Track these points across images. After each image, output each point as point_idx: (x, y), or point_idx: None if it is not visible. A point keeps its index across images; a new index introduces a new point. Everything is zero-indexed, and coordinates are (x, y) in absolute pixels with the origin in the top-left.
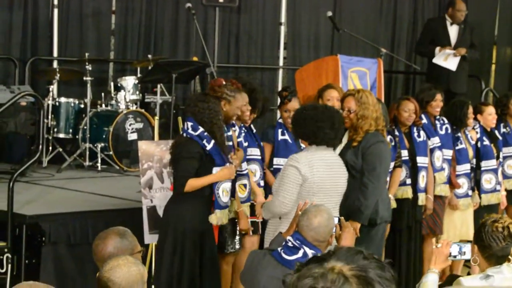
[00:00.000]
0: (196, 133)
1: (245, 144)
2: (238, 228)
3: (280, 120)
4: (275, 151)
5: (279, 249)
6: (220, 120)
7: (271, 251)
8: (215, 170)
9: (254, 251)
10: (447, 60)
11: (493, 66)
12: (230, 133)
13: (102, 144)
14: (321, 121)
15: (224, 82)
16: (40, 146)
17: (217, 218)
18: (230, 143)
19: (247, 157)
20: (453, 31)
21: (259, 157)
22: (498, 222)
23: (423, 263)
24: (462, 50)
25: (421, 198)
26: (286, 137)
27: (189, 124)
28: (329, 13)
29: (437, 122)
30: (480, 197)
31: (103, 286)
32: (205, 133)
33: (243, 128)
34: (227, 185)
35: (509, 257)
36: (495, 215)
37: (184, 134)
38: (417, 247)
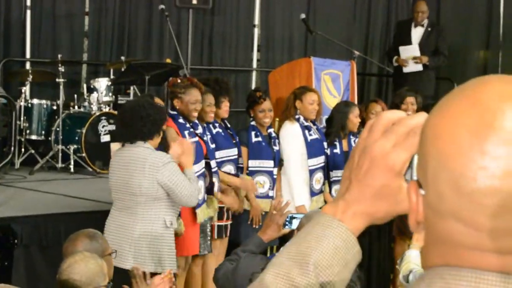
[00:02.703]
0: None
1: (212, 145)
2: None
3: (253, 123)
4: (250, 154)
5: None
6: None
7: (267, 257)
8: None
9: (247, 255)
10: (409, 63)
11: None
12: (199, 130)
13: (75, 146)
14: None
15: (178, 81)
16: (13, 148)
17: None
18: (196, 139)
19: (222, 158)
20: (416, 34)
21: (235, 157)
22: None
23: (394, 264)
24: (424, 59)
25: None
26: (260, 138)
27: None
28: (302, 16)
29: None
30: None
31: (65, 286)
32: None
33: (218, 128)
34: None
35: None
36: None
37: None
38: (387, 248)
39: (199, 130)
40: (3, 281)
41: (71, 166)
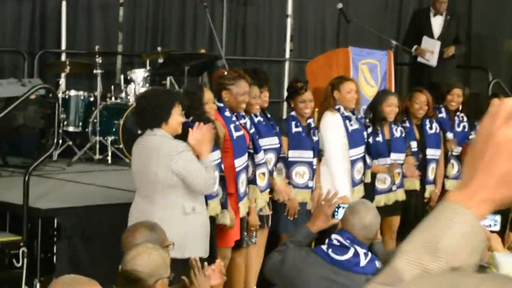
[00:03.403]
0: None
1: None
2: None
3: (293, 113)
4: (290, 144)
5: (323, 247)
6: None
7: (312, 249)
8: None
9: (293, 248)
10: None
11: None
12: (243, 121)
13: (112, 137)
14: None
15: (225, 73)
16: (56, 140)
17: (210, 209)
18: (241, 133)
19: (264, 147)
20: (436, 23)
21: (277, 146)
22: None
23: None
24: (450, 51)
25: (429, 190)
26: (300, 129)
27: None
28: (340, 5)
29: (456, 118)
30: None
31: (128, 277)
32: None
33: (259, 117)
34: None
35: None
36: None
37: None
38: None
39: (244, 121)
40: (47, 272)
41: (109, 158)
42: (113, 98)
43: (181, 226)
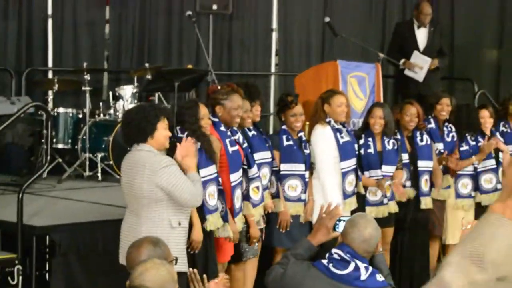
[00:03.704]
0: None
1: (249, 150)
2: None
3: (284, 126)
4: (282, 157)
5: (324, 261)
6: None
7: (312, 263)
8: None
9: (294, 262)
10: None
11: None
12: (236, 136)
13: (102, 154)
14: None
15: (218, 87)
16: (48, 157)
17: (210, 223)
18: (236, 148)
19: (258, 161)
20: (421, 35)
21: (270, 160)
22: None
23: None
24: (435, 62)
25: (424, 202)
26: (291, 142)
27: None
28: (327, 19)
29: (444, 128)
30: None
31: None
32: None
33: (253, 131)
34: (212, 188)
35: None
36: None
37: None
38: (423, 251)
39: (237, 136)
40: None
41: (99, 174)
42: (101, 115)
43: (167, 241)
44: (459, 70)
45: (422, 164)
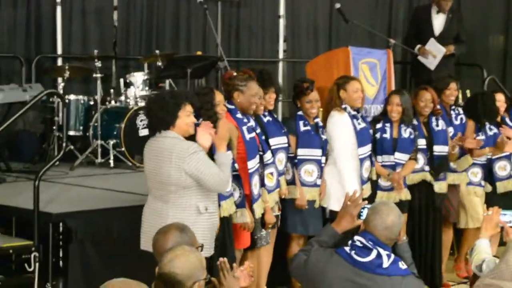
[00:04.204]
0: None
1: (263, 137)
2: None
3: (300, 112)
4: (299, 142)
5: (346, 248)
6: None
7: (335, 250)
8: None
9: (317, 248)
10: (429, 57)
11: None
12: (251, 123)
13: (114, 141)
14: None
15: (234, 74)
16: (64, 144)
17: (224, 209)
18: (253, 135)
19: (274, 146)
20: (438, 21)
21: (286, 145)
22: None
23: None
24: (451, 48)
25: (439, 187)
26: (308, 127)
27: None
28: (338, 5)
29: (452, 112)
30: (494, 185)
31: (166, 279)
32: None
33: (268, 117)
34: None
35: None
36: None
37: None
38: (436, 235)
39: (251, 123)
40: (59, 277)
41: (111, 161)
42: (112, 102)
43: (194, 226)
44: (466, 56)
45: (438, 149)
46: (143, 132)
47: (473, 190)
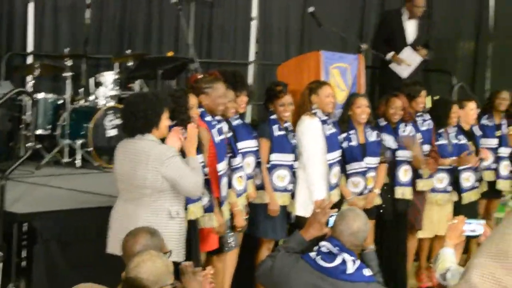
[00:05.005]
0: None
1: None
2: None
3: (273, 116)
4: (273, 147)
5: (311, 254)
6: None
7: (301, 255)
8: None
9: (283, 254)
10: (401, 66)
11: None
12: (220, 125)
13: (82, 141)
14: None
15: (200, 76)
16: (33, 143)
17: (191, 213)
18: (222, 137)
19: (243, 150)
20: (410, 27)
21: (256, 149)
22: None
23: (406, 257)
24: (423, 52)
25: (401, 192)
26: (283, 132)
27: None
28: (311, 9)
29: (418, 118)
30: (460, 196)
31: (132, 284)
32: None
33: (238, 120)
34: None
35: None
36: None
37: None
38: (401, 242)
39: (221, 125)
40: (24, 277)
41: (79, 161)
42: (81, 101)
43: (166, 230)
44: (435, 62)
45: (402, 154)
46: (111, 132)
47: (435, 198)
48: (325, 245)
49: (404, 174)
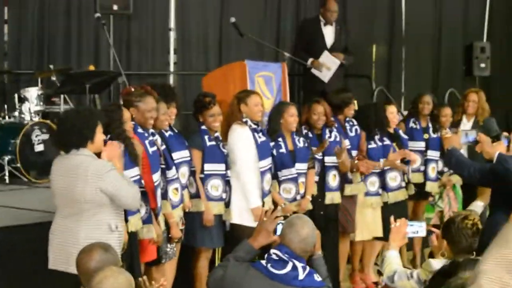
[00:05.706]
0: None
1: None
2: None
3: (203, 127)
4: (205, 157)
5: (263, 261)
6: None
7: (251, 263)
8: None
9: (234, 263)
10: (322, 70)
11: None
12: (154, 137)
13: (9, 157)
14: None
15: (132, 89)
16: None
17: (131, 225)
18: (154, 148)
19: (177, 160)
20: (328, 32)
21: (189, 159)
22: (467, 219)
23: (338, 261)
24: (341, 56)
25: (330, 197)
26: (214, 142)
27: None
28: (233, 19)
29: (347, 124)
30: (387, 196)
31: None
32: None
33: (169, 132)
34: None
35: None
36: (464, 212)
37: None
38: (333, 245)
39: (155, 138)
40: None
41: (6, 177)
42: (6, 117)
43: None
44: (352, 67)
45: (330, 160)
46: (39, 147)
47: (370, 202)
48: (275, 253)
49: (333, 179)
